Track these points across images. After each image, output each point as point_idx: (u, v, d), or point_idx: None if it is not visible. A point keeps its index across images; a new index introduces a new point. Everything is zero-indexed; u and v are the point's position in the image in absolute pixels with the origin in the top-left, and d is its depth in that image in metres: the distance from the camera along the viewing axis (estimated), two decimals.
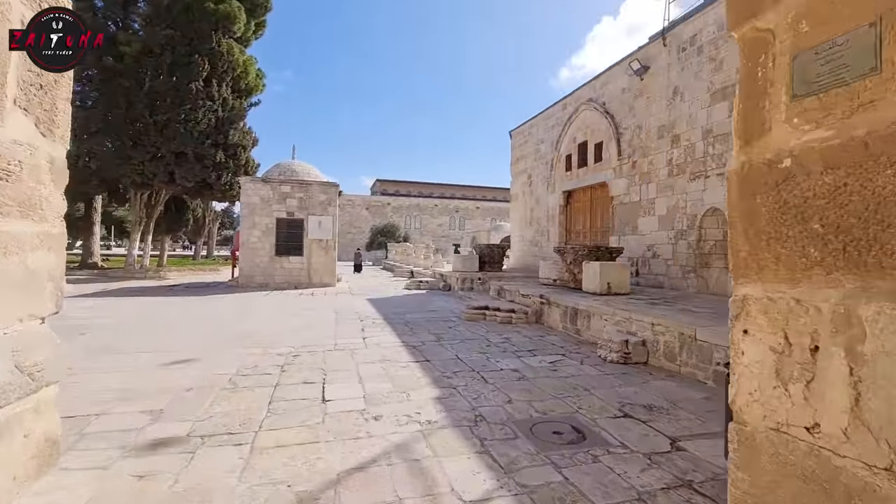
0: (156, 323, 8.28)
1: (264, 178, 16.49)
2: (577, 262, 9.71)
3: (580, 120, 14.15)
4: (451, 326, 8.25)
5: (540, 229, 16.70)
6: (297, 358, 5.71)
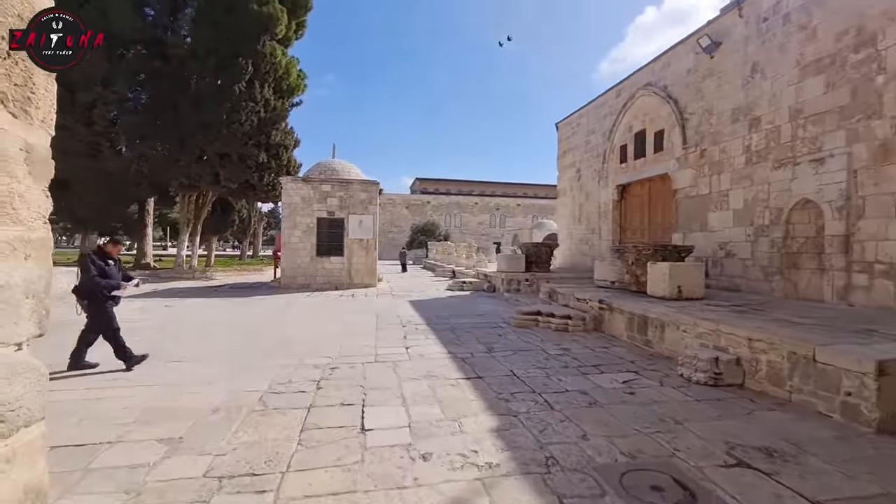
0: (196, 327, 8.05)
1: (305, 178, 16.36)
2: (640, 262, 8.71)
3: (637, 107, 12.99)
4: (501, 334, 7.52)
5: (590, 226, 15.61)
6: (334, 372, 5.17)
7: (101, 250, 5.43)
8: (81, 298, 5.16)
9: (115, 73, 16.89)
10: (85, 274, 5.11)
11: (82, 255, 5.28)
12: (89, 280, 5.09)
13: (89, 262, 5.15)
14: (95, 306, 5.21)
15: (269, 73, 19.75)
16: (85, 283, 5.11)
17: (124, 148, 17.60)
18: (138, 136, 17.47)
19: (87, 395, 4.25)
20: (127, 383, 4.67)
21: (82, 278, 5.14)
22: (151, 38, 19.05)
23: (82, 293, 5.16)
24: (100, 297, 5.19)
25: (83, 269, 5.15)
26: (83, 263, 5.18)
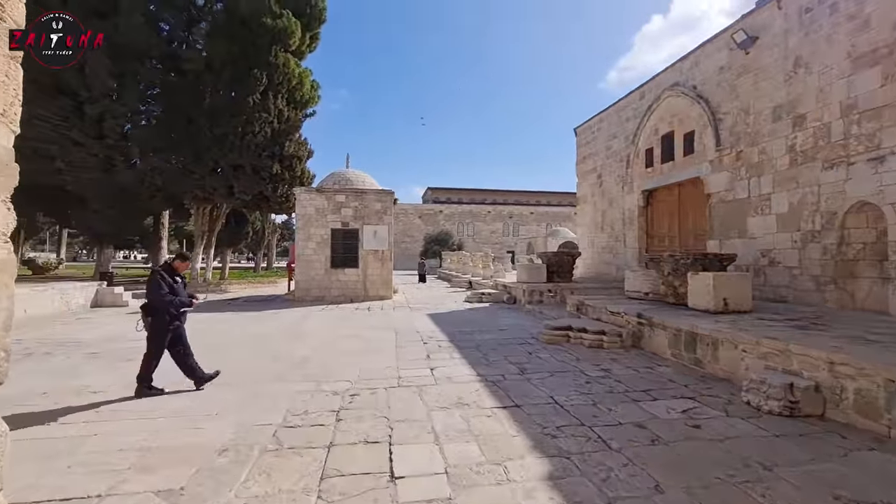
0: (206, 345, 7.61)
1: (319, 189, 16.06)
2: (678, 272, 8.09)
3: (663, 108, 12.41)
4: (532, 352, 6.95)
5: (614, 234, 14.98)
6: (355, 399, 4.67)
7: (169, 267, 5.20)
8: (148, 315, 4.94)
9: (125, 87, 16.85)
10: (155, 292, 4.89)
11: (153, 271, 5.12)
12: (160, 298, 4.88)
13: (159, 279, 4.96)
14: (159, 324, 4.94)
15: (283, 84, 19.63)
16: (154, 300, 4.90)
17: (138, 161, 17.53)
18: (151, 149, 17.39)
19: (84, 431, 3.80)
20: (129, 415, 4.23)
21: (151, 296, 4.92)
22: (166, 52, 19.11)
23: (149, 310, 4.94)
24: (167, 315, 4.95)
25: (153, 286, 4.94)
26: (153, 280, 4.97)
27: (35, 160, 16.61)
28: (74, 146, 16.65)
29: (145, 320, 4.96)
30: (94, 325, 9.80)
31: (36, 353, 6.99)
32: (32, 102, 16.18)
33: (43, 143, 16.39)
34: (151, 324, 4.95)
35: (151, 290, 4.94)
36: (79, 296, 13.05)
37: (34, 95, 15.92)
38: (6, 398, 4.69)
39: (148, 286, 5.03)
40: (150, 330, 4.97)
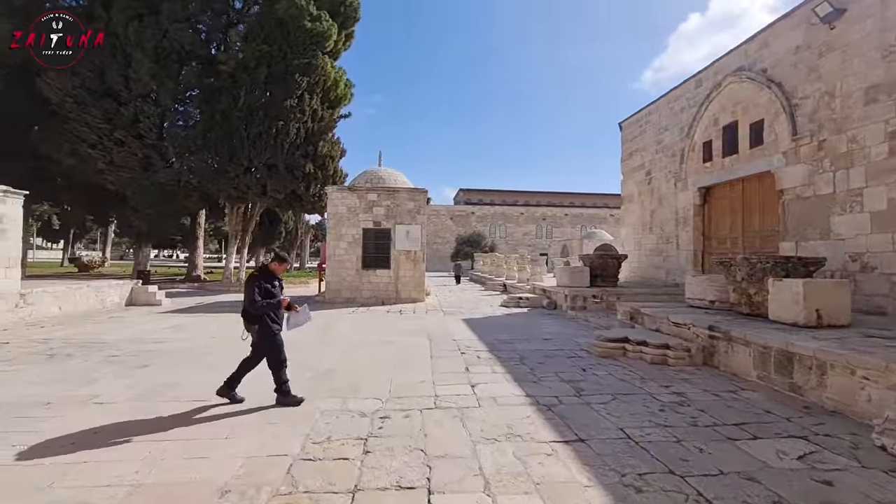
0: (228, 351, 7.16)
1: (350, 187, 15.63)
2: (754, 278, 7.02)
3: (724, 96, 11.21)
4: (586, 368, 6.09)
5: (664, 235, 13.79)
6: (385, 424, 3.98)
7: (265, 269, 4.76)
8: (251, 323, 4.54)
9: (162, 87, 17.00)
10: (250, 297, 4.47)
11: (249, 276, 4.67)
12: (249, 299, 4.46)
13: (255, 283, 4.50)
14: (266, 331, 4.56)
15: (318, 84, 19.42)
16: (249, 306, 4.49)
17: (174, 161, 17.67)
18: (188, 149, 17.46)
19: (70, 457, 3.26)
20: (131, 435, 3.69)
21: (246, 301, 4.50)
22: (205, 55, 19.25)
23: (251, 317, 4.52)
24: (268, 319, 4.55)
25: (248, 291, 4.50)
26: (248, 285, 4.54)
27: (87, 160, 17.03)
28: (116, 146, 16.91)
29: (250, 329, 4.55)
30: (123, 325, 9.60)
31: (59, 354, 6.69)
32: (86, 107, 16.66)
33: (91, 146, 16.75)
34: (259, 332, 4.52)
35: (247, 294, 4.47)
36: (113, 294, 13.06)
37: (88, 101, 16.31)
38: (5, 407, 4.28)
39: (244, 291, 4.56)
40: (258, 338, 4.56)
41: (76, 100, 16.39)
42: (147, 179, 17.59)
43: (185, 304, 14.05)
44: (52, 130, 17.09)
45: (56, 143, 16.82)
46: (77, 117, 16.43)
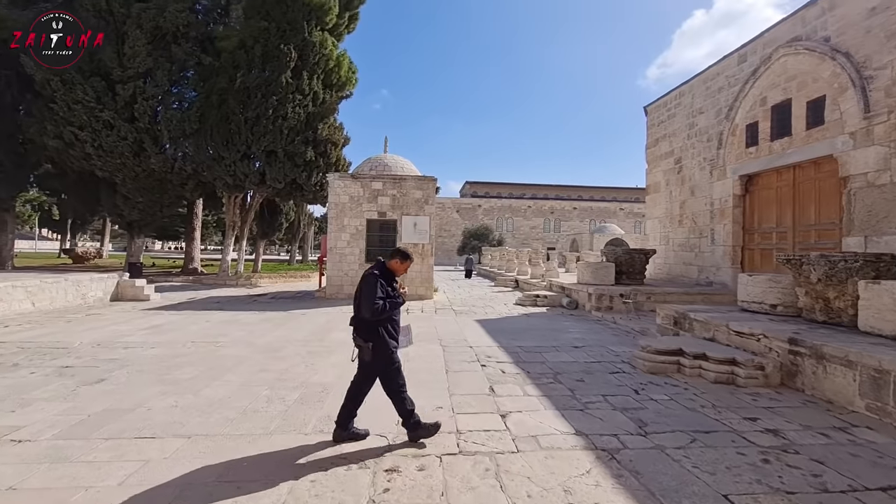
0: (203, 361, 6.08)
1: (353, 175, 14.49)
2: (835, 279, 5.83)
3: (775, 72, 9.93)
4: (638, 389, 4.95)
5: (696, 229, 12.57)
6: (393, 480, 2.86)
7: (384, 268, 3.69)
8: (364, 336, 3.45)
9: (159, 67, 15.88)
10: (369, 300, 3.39)
11: (367, 274, 3.61)
12: (371, 307, 3.37)
13: (377, 283, 3.47)
14: (383, 349, 3.47)
15: (319, 64, 18.21)
16: (368, 311, 3.39)
17: (167, 146, 16.57)
18: (182, 133, 16.35)
19: None
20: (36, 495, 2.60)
21: (365, 305, 3.40)
22: (202, 33, 18.09)
23: (366, 329, 3.45)
24: (384, 332, 3.50)
25: (367, 292, 3.43)
26: (367, 285, 3.47)
27: (73, 145, 15.98)
28: (105, 129, 15.82)
29: (364, 346, 3.43)
30: (98, 325, 8.56)
31: (4, 364, 5.63)
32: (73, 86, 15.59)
33: (78, 128, 15.68)
34: (373, 349, 3.42)
35: (365, 298, 3.41)
36: (96, 288, 12.04)
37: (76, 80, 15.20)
38: None
39: (359, 293, 3.50)
40: (371, 356, 3.43)
41: (63, 78, 15.30)
42: (139, 166, 16.51)
43: (175, 299, 13.03)
44: (37, 112, 16.02)
45: (40, 125, 15.76)
46: (63, 97, 15.35)
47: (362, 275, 3.61)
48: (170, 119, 16.01)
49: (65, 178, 19.75)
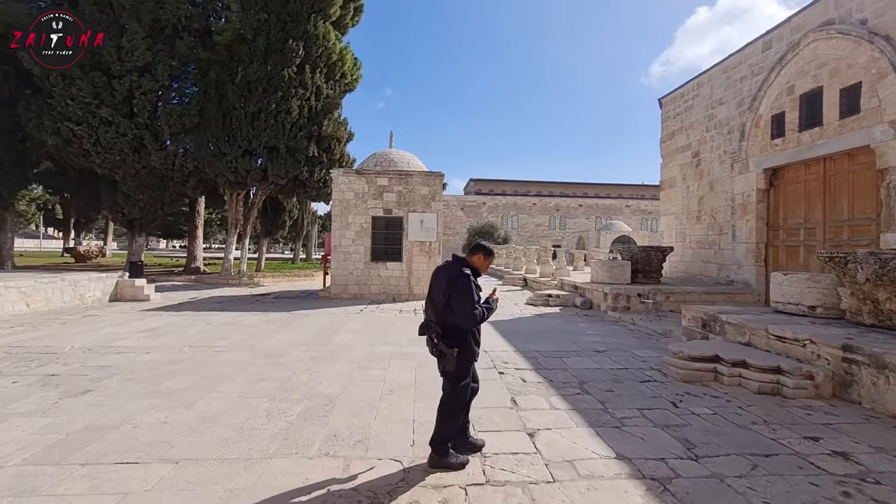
0: (200, 368, 5.67)
1: (358, 171, 14.05)
2: (885, 279, 5.33)
3: (804, 58, 9.39)
4: (675, 401, 4.48)
5: (716, 225, 12.04)
6: None
7: (466, 265, 3.18)
8: (450, 341, 2.98)
9: (158, 61, 15.48)
10: (467, 303, 2.94)
11: (459, 274, 3.06)
12: (472, 315, 2.93)
13: (473, 286, 3.03)
14: (466, 360, 3.07)
15: (322, 58, 17.74)
16: (466, 317, 2.95)
17: (168, 141, 16.17)
18: (182, 129, 15.95)
19: None
20: None
21: (461, 310, 2.94)
22: (202, 26, 17.68)
23: (454, 336, 3.00)
24: (472, 340, 3.08)
25: (463, 294, 2.95)
26: (462, 286, 2.98)
27: (72, 141, 15.63)
28: (103, 125, 15.45)
29: (447, 352, 2.96)
30: (93, 327, 8.17)
31: None
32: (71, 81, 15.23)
33: (76, 123, 15.31)
34: (458, 356, 2.97)
35: (462, 305, 2.94)
36: (94, 289, 11.67)
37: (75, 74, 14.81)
38: None
39: (454, 294, 2.98)
40: (456, 366, 2.98)
41: (62, 73, 14.92)
42: (139, 162, 16.14)
43: (175, 299, 12.65)
44: (35, 107, 15.66)
45: (38, 120, 15.40)
46: (62, 92, 14.98)
47: (443, 274, 3.13)
48: (169, 114, 15.61)
49: (65, 176, 19.44)
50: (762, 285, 10.55)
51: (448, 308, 2.99)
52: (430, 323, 3.08)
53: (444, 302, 3.01)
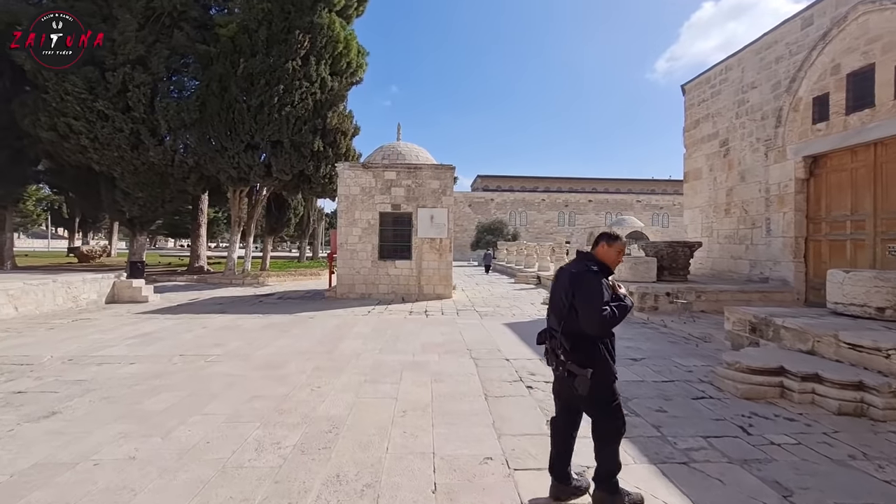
0: (189, 382, 5.03)
1: (365, 164, 13.38)
2: None
3: (852, 34, 8.55)
4: (745, 426, 3.75)
5: (748, 218, 11.22)
6: None
7: (597, 262, 2.58)
8: (580, 358, 2.41)
9: (153, 53, 14.89)
10: (588, 303, 2.37)
11: (583, 271, 2.50)
12: (600, 318, 2.33)
13: (602, 283, 2.43)
14: (607, 376, 2.48)
15: (326, 48, 17.07)
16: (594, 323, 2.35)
17: (167, 136, 15.61)
18: (181, 123, 15.37)
19: None
20: None
21: (589, 315, 2.36)
22: (201, 15, 17.07)
23: (585, 351, 2.43)
24: (609, 357, 2.49)
25: (589, 296, 2.38)
26: (588, 287, 2.41)
27: (68, 137, 15.12)
28: (99, 120, 14.91)
29: (578, 373, 2.36)
30: (81, 333, 7.59)
31: None
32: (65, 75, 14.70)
33: (73, 118, 14.79)
34: (593, 377, 2.35)
35: (587, 304, 2.36)
36: (90, 290, 11.11)
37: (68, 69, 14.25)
38: None
39: (577, 294, 2.41)
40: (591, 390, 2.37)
41: None
42: (137, 159, 15.60)
43: (175, 300, 12.10)
44: (31, 103, 15.16)
45: (34, 116, 14.90)
46: (55, 87, 14.45)
47: (565, 272, 2.57)
48: (166, 108, 15.02)
49: (64, 174, 18.98)
50: (801, 283, 9.76)
51: (573, 313, 2.41)
52: (554, 333, 2.50)
53: (568, 305, 2.43)
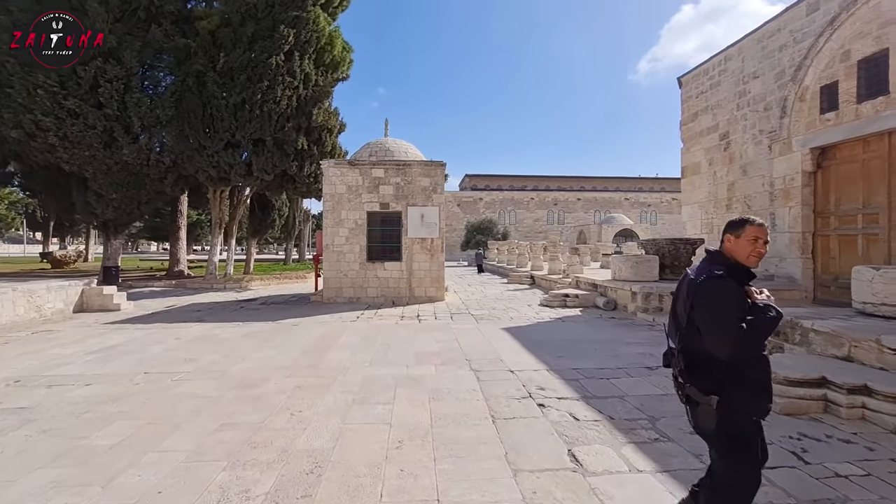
0: (151, 404, 4.37)
1: (351, 162, 12.73)
2: None
3: (862, 17, 8.17)
4: (797, 451, 3.24)
5: (751, 213, 10.78)
6: None
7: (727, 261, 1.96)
8: (705, 384, 1.83)
9: (124, 46, 14.03)
10: (710, 317, 1.81)
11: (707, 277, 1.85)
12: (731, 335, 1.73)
13: (730, 291, 1.82)
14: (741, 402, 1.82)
15: (311, 43, 16.36)
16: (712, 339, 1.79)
17: (141, 134, 14.75)
18: (156, 121, 14.54)
19: None
20: None
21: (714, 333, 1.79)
22: (178, 9, 16.21)
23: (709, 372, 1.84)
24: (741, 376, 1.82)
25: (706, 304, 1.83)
26: (713, 297, 1.81)
27: (35, 135, 14.20)
28: (69, 117, 14.01)
29: (702, 400, 1.82)
30: (37, 348, 6.84)
31: None
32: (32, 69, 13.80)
33: (42, 114, 13.86)
34: (720, 407, 1.78)
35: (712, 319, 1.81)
36: (55, 299, 10.28)
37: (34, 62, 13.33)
38: None
39: (697, 305, 1.87)
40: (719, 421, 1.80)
41: (20, 60, 13.47)
42: (110, 158, 14.72)
43: (149, 308, 11.33)
44: None
45: None
46: (22, 81, 13.53)
47: (686, 278, 2.01)
48: (138, 105, 14.17)
49: (35, 175, 17.95)
50: (809, 280, 9.38)
51: (693, 330, 1.85)
52: (673, 351, 1.98)
53: (685, 319, 1.90)
